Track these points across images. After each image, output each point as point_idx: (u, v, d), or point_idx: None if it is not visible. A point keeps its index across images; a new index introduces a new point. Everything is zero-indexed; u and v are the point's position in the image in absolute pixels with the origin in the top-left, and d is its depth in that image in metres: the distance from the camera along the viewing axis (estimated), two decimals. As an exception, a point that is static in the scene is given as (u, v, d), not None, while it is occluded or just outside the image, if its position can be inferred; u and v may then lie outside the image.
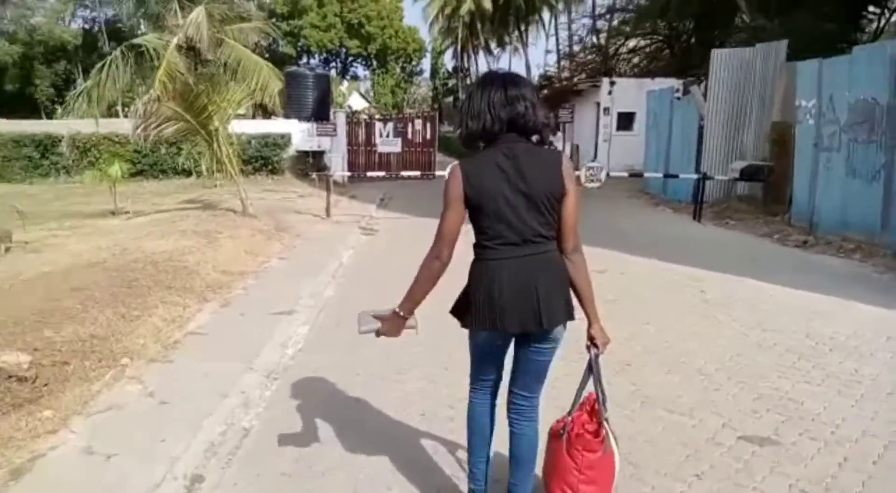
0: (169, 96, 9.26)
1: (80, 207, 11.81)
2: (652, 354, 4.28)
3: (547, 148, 2.23)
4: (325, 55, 50.48)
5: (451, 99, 53.57)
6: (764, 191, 11.89)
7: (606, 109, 19.36)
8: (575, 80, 26.50)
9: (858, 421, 3.25)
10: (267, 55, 40.54)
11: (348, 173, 16.69)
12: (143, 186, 16.52)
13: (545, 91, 32.33)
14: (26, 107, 32.29)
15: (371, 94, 53.63)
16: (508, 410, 2.39)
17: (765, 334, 4.66)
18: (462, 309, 2.33)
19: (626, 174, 13.14)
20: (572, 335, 2.39)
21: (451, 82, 54.77)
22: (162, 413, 3.65)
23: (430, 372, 4.13)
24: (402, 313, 2.33)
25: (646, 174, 13.07)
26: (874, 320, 5.01)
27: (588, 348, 2.32)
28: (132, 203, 12.04)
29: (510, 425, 2.38)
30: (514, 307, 2.14)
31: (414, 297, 2.30)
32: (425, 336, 4.88)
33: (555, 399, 2.77)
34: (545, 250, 2.18)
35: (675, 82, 16.21)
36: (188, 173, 16.95)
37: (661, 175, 12.75)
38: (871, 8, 19.27)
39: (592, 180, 11.15)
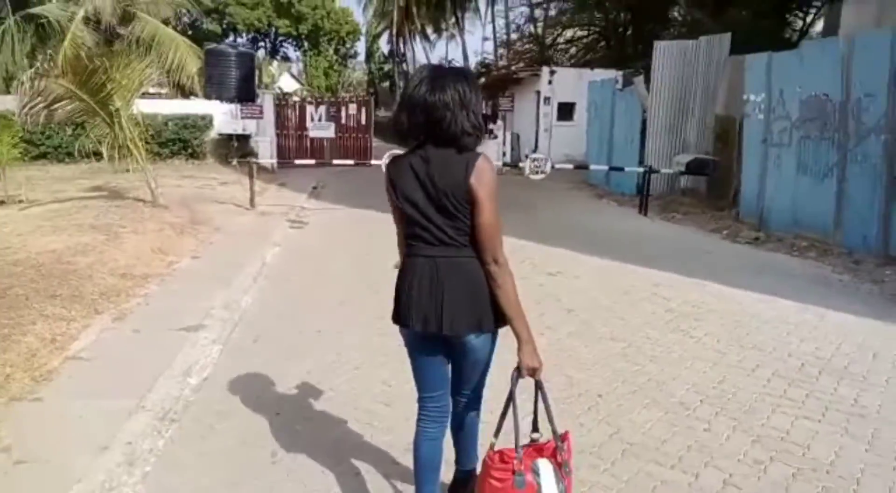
0: (60, 72, 8.05)
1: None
2: (625, 382, 3.69)
3: (468, 153, 2.03)
4: (252, 34, 48.20)
5: (387, 84, 52.37)
6: (708, 185, 11.69)
7: (547, 99, 18.94)
8: (513, 68, 26.03)
9: (881, 473, 2.75)
10: (190, 33, 38.24)
11: (274, 160, 15.58)
12: (47, 170, 14.92)
13: (483, 79, 31.80)
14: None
15: (304, 76, 51.72)
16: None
17: (744, 353, 4.16)
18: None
19: (570, 166, 12.68)
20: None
21: (386, 67, 53.49)
22: (15, 479, 2.78)
23: (366, 410, 3.39)
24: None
25: (592, 167, 12.67)
26: (852, 331, 4.61)
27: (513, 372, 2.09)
28: (29, 190, 10.67)
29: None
30: (420, 306, 2.11)
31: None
32: (361, 360, 4.19)
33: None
34: (459, 255, 2.08)
35: (614, 73, 15.92)
36: (98, 157, 15.46)
37: (606, 168, 12.35)
38: (797, 8, 19.66)
39: (537, 172, 10.61)
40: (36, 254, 6.06)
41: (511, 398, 2.08)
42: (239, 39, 46.69)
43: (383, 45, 55.09)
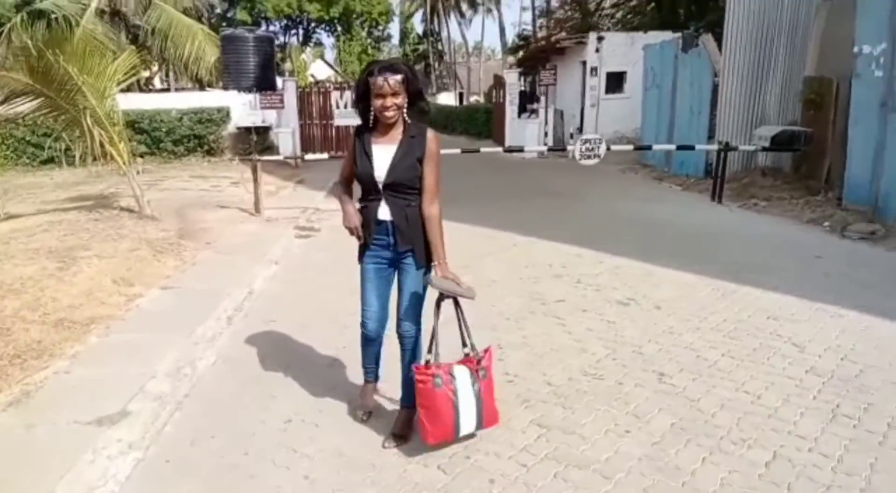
0: (16, 65, 6.74)
1: (-58, 210, 9.26)
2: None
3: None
4: (284, 22, 47.05)
5: (421, 65, 50.68)
6: (796, 163, 9.76)
7: (594, 69, 17.02)
8: (553, 38, 24.05)
9: None
10: (224, 24, 37.11)
11: (283, 156, 14.15)
12: (52, 175, 13.92)
13: (521, 53, 29.78)
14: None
15: (338, 62, 50.46)
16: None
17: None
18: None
19: (629, 147, 10.86)
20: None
21: (421, 47, 51.73)
22: None
23: None
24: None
25: (655, 146, 10.80)
26: None
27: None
28: (13, 202, 9.59)
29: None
30: None
31: None
32: None
33: None
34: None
35: (671, 36, 13.94)
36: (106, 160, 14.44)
37: (673, 147, 10.48)
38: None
39: (589, 156, 8.87)
40: (-47, 298, 4.76)
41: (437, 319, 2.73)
42: (271, 27, 45.63)
43: (417, 25, 53.46)
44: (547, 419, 3.00)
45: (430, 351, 2.72)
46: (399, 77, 2.57)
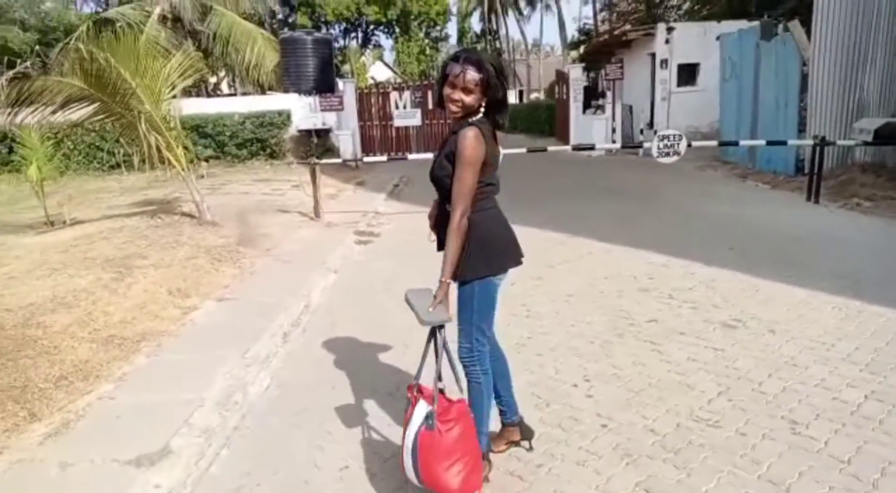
0: (70, 70, 6.60)
1: (11, 216, 9.37)
2: None
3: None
4: (344, 25, 47.41)
5: (480, 64, 50.09)
6: (903, 158, 8.78)
7: (664, 62, 16.08)
8: (618, 31, 23.10)
9: None
10: (285, 28, 37.65)
11: (342, 158, 13.90)
12: (120, 180, 14.12)
13: (583, 48, 28.83)
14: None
15: (397, 63, 50.57)
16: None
17: None
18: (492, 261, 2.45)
19: (712, 143, 10.02)
20: None
21: (479, 46, 51.24)
22: None
23: None
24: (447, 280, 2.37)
25: (742, 143, 9.90)
26: None
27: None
28: (82, 207, 9.67)
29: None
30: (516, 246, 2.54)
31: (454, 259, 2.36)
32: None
33: None
34: None
35: (746, 25, 12.95)
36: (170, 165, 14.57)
37: (762, 143, 9.60)
38: None
39: (668, 153, 8.17)
40: (4, 311, 4.58)
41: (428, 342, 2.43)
42: (331, 31, 46.05)
43: (475, 24, 53.04)
44: (657, 482, 2.44)
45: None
46: (478, 76, 2.31)
